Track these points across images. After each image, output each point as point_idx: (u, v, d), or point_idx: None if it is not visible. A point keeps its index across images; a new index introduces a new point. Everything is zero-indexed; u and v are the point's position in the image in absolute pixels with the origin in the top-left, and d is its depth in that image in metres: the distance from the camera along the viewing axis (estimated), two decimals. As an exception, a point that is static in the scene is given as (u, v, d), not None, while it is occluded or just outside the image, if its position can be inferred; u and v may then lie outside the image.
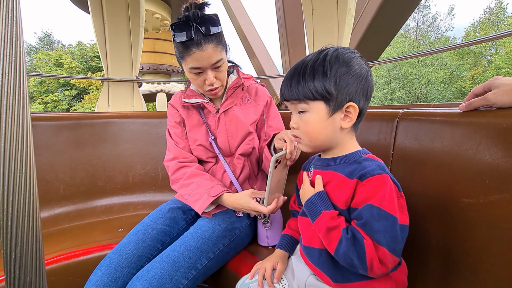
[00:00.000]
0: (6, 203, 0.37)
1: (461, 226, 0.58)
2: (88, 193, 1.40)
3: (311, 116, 0.59)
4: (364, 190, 0.54)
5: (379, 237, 0.50)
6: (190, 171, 1.01)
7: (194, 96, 1.04)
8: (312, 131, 0.60)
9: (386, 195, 0.51)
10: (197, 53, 0.86)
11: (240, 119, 1.03)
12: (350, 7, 2.20)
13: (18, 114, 0.37)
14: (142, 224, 0.95)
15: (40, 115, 1.39)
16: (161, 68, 9.74)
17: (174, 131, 1.08)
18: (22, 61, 0.38)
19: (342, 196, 0.57)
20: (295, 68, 0.61)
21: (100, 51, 3.05)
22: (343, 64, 0.57)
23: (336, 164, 0.62)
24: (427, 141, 0.68)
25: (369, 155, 0.60)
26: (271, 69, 6.27)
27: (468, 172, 0.57)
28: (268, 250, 0.99)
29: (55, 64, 21.27)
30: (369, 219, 0.51)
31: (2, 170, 0.37)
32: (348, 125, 0.59)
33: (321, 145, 0.63)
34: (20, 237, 0.37)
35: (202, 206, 0.91)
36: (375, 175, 0.53)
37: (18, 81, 0.37)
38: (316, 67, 0.57)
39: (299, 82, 0.58)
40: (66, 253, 0.98)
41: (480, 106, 0.58)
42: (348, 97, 0.57)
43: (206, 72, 0.92)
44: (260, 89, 1.11)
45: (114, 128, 1.50)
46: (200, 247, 0.84)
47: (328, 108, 0.58)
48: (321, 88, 0.56)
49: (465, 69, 20.79)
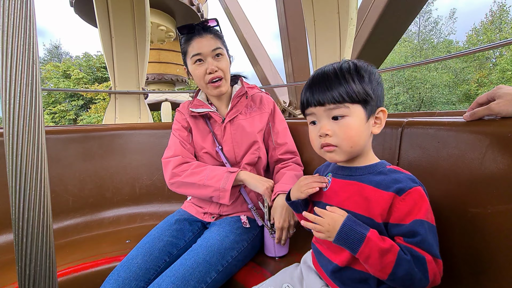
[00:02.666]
0: (22, 220, 0.38)
1: (470, 236, 0.58)
2: (96, 205, 1.42)
3: (351, 120, 0.57)
4: (406, 204, 0.52)
5: (435, 250, 0.51)
6: (196, 163, 1.04)
7: (201, 106, 1.08)
8: (354, 135, 0.58)
9: (428, 207, 0.53)
10: (197, 39, 0.98)
11: (245, 128, 1.05)
12: (351, 17, 2.23)
13: (34, 134, 0.39)
14: (149, 236, 0.96)
15: (51, 128, 1.42)
16: (166, 78, 9.91)
17: (179, 133, 1.09)
18: (37, 85, 0.40)
19: (377, 208, 0.55)
20: (325, 75, 0.60)
21: (108, 64, 3.13)
22: (372, 74, 0.60)
23: (361, 175, 0.61)
24: (432, 150, 0.68)
25: (393, 167, 0.60)
26: (274, 76, 6.33)
27: (475, 182, 0.57)
28: (275, 261, 0.98)
29: (63, 75, 21.84)
30: (425, 235, 0.51)
31: (18, 188, 0.38)
32: (378, 130, 0.60)
33: (358, 151, 0.61)
34: (35, 254, 0.39)
35: (228, 182, 0.94)
36: (412, 188, 0.53)
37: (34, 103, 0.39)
38: (353, 73, 0.58)
39: (340, 83, 0.57)
40: (75, 266, 0.99)
41: (484, 115, 0.58)
42: (377, 101, 0.59)
43: (206, 60, 0.99)
44: (264, 97, 1.13)
45: (121, 140, 1.52)
46: (209, 260, 0.84)
47: (365, 112, 0.58)
48: (363, 90, 0.57)
49: (469, 72, 20.65)
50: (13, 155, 0.38)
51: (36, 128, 0.39)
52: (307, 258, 0.75)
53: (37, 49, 0.41)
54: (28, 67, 0.40)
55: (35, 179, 0.39)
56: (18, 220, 0.38)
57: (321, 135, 0.60)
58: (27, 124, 0.39)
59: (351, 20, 2.21)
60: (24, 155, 0.38)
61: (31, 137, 0.39)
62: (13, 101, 0.38)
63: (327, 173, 0.69)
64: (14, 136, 0.38)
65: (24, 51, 0.39)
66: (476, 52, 1.69)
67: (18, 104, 0.39)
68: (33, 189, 0.39)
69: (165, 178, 1.04)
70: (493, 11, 20.44)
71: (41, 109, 0.41)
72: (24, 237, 0.38)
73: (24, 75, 0.40)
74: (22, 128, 0.39)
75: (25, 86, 0.40)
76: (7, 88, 0.38)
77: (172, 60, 9.94)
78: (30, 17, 0.39)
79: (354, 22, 2.25)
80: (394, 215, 0.53)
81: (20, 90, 0.39)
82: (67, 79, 21.76)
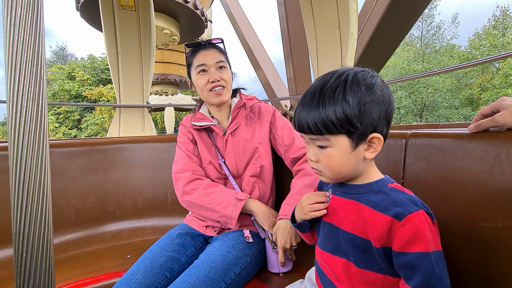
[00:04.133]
0: (22, 235, 0.37)
1: (480, 252, 0.56)
2: (98, 219, 1.41)
3: (333, 151, 0.54)
4: (406, 231, 0.48)
5: (445, 283, 0.47)
6: (207, 182, 1.03)
7: (203, 119, 1.09)
8: (335, 166, 0.55)
9: (432, 233, 0.49)
10: (202, 52, 1.05)
11: (246, 140, 1.07)
12: (352, 32, 2.28)
13: (38, 148, 0.39)
14: (150, 251, 0.94)
15: (55, 142, 1.44)
16: (169, 78, 9.83)
17: (186, 147, 1.10)
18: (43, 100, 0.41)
19: (374, 232, 0.52)
20: (312, 94, 0.54)
21: (113, 79, 3.20)
22: (366, 91, 0.52)
23: (360, 193, 0.57)
24: (438, 162, 0.67)
25: (395, 185, 0.56)
26: (276, 80, 6.39)
27: (484, 195, 0.56)
28: (279, 277, 0.95)
29: (67, 77, 22.23)
30: (432, 270, 0.47)
31: (20, 202, 0.38)
32: (372, 156, 0.55)
33: (344, 178, 0.59)
34: (34, 270, 0.38)
35: (236, 210, 0.94)
36: (412, 212, 0.49)
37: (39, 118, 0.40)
38: (336, 95, 0.51)
39: (318, 111, 0.52)
40: (75, 282, 0.97)
41: (490, 127, 0.58)
42: (372, 127, 0.52)
43: (210, 70, 1.03)
44: (263, 106, 1.14)
45: (125, 153, 1.53)
46: (212, 276, 0.82)
47: (351, 141, 0.53)
48: (344, 119, 0.50)
49: (472, 77, 20.64)
50: (16, 169, 0.38)
51: (40, 142, 0.40)
52: (311, 275, 0.73)
53: (44, 65, 0.42)
54: (35, 82, 0.41)
55: (38, 194, 0.39)
56: (18, 235, 0.37)
57: (308, 159, 0.59)
58: (32, 138, 0.39)
59: (352, 35, 2.26)
60: (27, 169, 0.38)
61: (35, 151, 0.39)
62: (19, 115, 0.39)
63: (328, 189, 0.67)
64: (18, 150, 0.38)
65: (31, 67, 0.40)
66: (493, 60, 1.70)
67: (24, 118, 0.39)
68: (35, 203, 0.38)
69: (177, 195, 1.06)
70: (496, 16, 20.53)
71: (47, 123, 0.42)
72: (24, 253, 0.38)
73: (31, 89, 0.40)
74: (27, 142, 0.39)
75: (32, 100, 0.40)
76: (13, 102, 0.38)
77: (176, 60, 9.85)
78: (38, 33, 0.40)
79: (354, 36, 2.29)
80: (396, 242, 0.50)
81: (26, 105, 0.39)
82: (72, 81, 22.11)
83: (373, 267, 0.54)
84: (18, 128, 0.38)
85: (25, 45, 0.39)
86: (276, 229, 0.92)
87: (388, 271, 0.53)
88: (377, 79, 0.55)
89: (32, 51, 0.40)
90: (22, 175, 0.38)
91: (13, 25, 0.38)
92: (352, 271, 0.56)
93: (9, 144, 0.38)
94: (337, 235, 0.59)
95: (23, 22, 0.38)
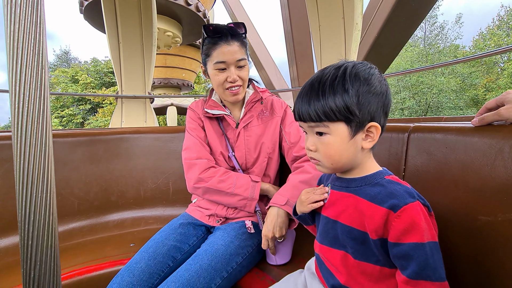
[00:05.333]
0: (27, 223, 0.38)
1: (480, 245, 0.56)
2: (101, 208, 1.43)
3: (331, 138, 0.55)
4: (401, 222, 0.49)
5: (439, 273, 0.47)
6: (222, 169, 1.03)
7: (216, 107, 1.06)
8: (334, 154, 0.56)
9: (428, 224, 0.49)
10: (224, 46, 0.94)
11: (259, 136, 1.06)
12: (356, 22, 2.24)
13: (42, 138, 0.40)
14: (153, 240, 0.96)
15: (58, 132, 1.44)
16: (172, 82, 10.05)
17: (197, 133, 1.08)
18: (46, 90, 0.41)
19: (371, 224, 0.53)
20: (311, 85, 0.56)
21: (115, 69, 3.18)
22: (364, 82, 0.53)
23: (357, 186, 0.58)
24: (440, 156, 0.67)
25: (392, 177, 0.57)
26: (279, 81, 6.37)
27: (485, 189, 0.56)
28: (279, 267, 0.97)
29: (71, 80, 22.26)
30: (426, 260, 0.47)
31: (25, 191, 0.38)
32: (370, 145, 0.56)
33: (342, 167, 0.59)
34: (40, 256, 0.39)
35: (256, 192, 0.99)
36: (408, 204, 0.49)
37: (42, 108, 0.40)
38: (336, 85, 0.53)
39: (318, 100, 0.54)
40: (79, 269, 0.99)
41: (493, 121, 0.57)
42: (370, 116, 0.54)
43: (229, 68, 0.97)
44: (275, 101, 1.12)
45: (127, 144, 1.54)
46: (214, 265, 0.83)
47: (349, 129, 0.54)
48: (343, 107, 0.52)
49: (477, 77, 20.37)
50: (20, 158, 0.38)
51: (44, 131, 0.40)
52: (311, 265, 0.74)
53: (46, 54, 0.42)
54: (37, 72, 0.41)
55: (42, 183, 0.39)
56: (24, 223, 0.38)
57: (307, 148, 0.60)
58: (35, 127, 0.39)
59: (356, 25, 2.22)
60: (31, 158, 0.39)
61: (39, 141, 0.39)
62: (22, 105, 0.39)
63: (328, 183, 0.68)
64: (22, 140, 0.39)
65: (33, 56, 0.40)
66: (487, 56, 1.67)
67: (27, 108, 0.39)
68: (39, 192, 0.39)
69: (188, 181, 1.02)
70: (501, 16, 20.21)
71: (49, 113, 0.42)
72: (29, 240, 0.39)
73: (33, 79, 0.40)
74: (30, 131, 0.39)
75: (34, 90, 0.40)
76: (16, 93, 0.38)
77: (178, 64, 10.09)
78: (39, 22, 0.40)
79: (359, 27, 2.25)
80: (391, 233, 0.50)
81: (29, 95, 0.40)
82: (75, 84, 22.17)
83: (370, 259, 0.55)
84: (21, 117, 0.38)
85: (26, 34, 0.39)
86: (266, 218, 0.92)
87: (385, 262, 0.54)
88: (375, 71, 0.57)
89: (33, 40, 0.40)
90: (26, 164, 0.39)
91: (13, 13, 0.38)
92: (350, 262, 0.57)
93: (12, 134, 0.39)
94: (335, 228, 0.60)
95: (24, 9, 0.38)
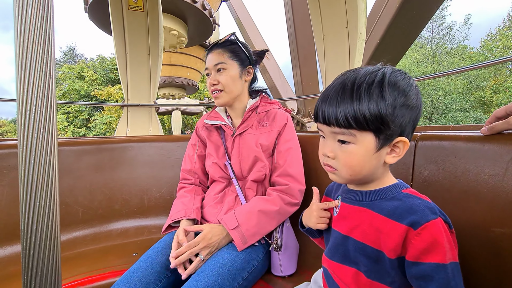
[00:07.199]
0: (30, 232, 0.38)
1: (494, 258, 0.54)
2: (105, 217, 1.42)
3: (355, 148, 0.50)
4: (422, 240, 0.45)
5: None
6: (180, 193, 1.15)
7: (216, 118, 1.14)
8: (356, 165, 0.51)
9: (449, 243, 0.46)
10: (209, 54, 1.09)
11: (251, 143, 1.05)
12: (360, 32, 2.25)
13: (47, 146, 0.40)
14: (152, 250, 0.94)
15: (64, 140, 1.46)
16: (177, 81, 9.81)
17: (188, 152, 1.22)
18: (53, 99, 0.41)
19: (389, 242, 0.48)
20: (343, 85, 0.50)
21: (121, 78, 3.24)
22: (402, 93, 0.49)
23: (372, 200, 0.54)
24: (449, 165, 0.65)
25: (410, 190, 0.53)
26: (283, 85, 6.40)
27: (497, 199, 0.54)
28: (284, 279, 0.94)
29: (77, 76, 22.67)
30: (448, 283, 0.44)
31: (28, 199, 0.38)
32: (394, 161, 0.51)
33: (360, 180, 0.54)
34: (41, 266, 0.38)
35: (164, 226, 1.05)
36: (429, 221, 0.45)
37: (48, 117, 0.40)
38: (373, 90, 0.48)
39: (351, 101, 0.48)
40: (81, 279, 0.98)
41: (503, 129, 0.56)
42: (400, 129, 0.49)
43: (211, 73, 1.07)
44: (279, 114, 1.09)
45: (132, 152, 1.54)
46: (220, 282, 0.80)
47: (377, 141, 0.49)
48: (377, 115, 0.47)
49: (484, 79, 20.15)
50: (25, 166, 0.38)
51: (49, 140, 0.40)
52: (317, 278, 0.72)
53: (54, 63, 0.42)
54: (45, 81, 0.41)
55: (46, 191, 0.39)
56: (26, 232, 0.38)
57: (323, 154, 0.55)
58: (41, 136, 0.40)
59: (360, 35, 2.23)
60: (36, 167, 0.39)
61: (44, 149, 0.39)
62: (28, 113, 0.39)
63: (337, 196, 0.63)
64: (27, 148, 0.39)
65: (41, 66, 0.40)
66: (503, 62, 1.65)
67: (33, 117, 0.39)
68: (43, 201, 0.39)
69: None
70: (511, 16, 19.79)
71: (56, 122, 0.42)
72: (31, 249, 0.38)
73: (41, 88, 0.41)
74: (36, 140, 0.39)
75: (41, 99, 0.41)
76: (23, 101, 0.39)
77: (183, 62, 9.76)
78: (49, 34, 0.40)
79: (363, 37, 2.27)
80: (410, 252, 0.47)
81: (36, 104, 0.40)
82: (82, 80, 22.54)
83: (385, 280, 0.51)
84: (28, 126, 0.39)
85: (35, 45, 0.39)
86: (204, 227, 0.94)
87: (400, 284, 0.50)
88: (414, 82, 0.52)
89: (42, 51, 0.41)
90: (31, 172, 0.38)
91: (23, 24, 0.39)
92: (362, 281, 0.54)
93: (18, 142, 0.39)
94: (345, 244, 0.56)
95: (33, 21, 0.39)
